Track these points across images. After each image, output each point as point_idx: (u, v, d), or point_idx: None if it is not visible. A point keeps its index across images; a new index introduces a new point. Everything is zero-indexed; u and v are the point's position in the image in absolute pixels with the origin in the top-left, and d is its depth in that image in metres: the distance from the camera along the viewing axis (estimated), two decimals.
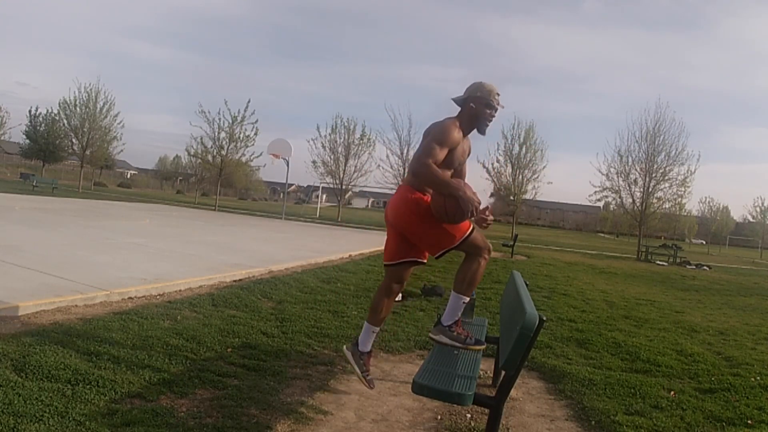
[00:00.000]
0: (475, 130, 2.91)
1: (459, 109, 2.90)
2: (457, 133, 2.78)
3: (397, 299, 6.16)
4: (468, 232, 2.75)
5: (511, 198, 26.34)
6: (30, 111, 39.07)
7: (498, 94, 2.87)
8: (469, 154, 3.04)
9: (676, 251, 21.85)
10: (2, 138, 45.27)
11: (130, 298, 4.85)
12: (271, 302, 5.38)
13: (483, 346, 2.85)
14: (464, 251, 2.80)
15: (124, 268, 6.07)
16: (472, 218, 2.72)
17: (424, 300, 6.35)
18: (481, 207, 2.70)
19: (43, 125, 38.85)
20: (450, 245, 2.76)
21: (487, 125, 2.89)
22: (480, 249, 2.78)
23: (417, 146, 2.86)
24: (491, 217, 2.78)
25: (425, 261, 3.01)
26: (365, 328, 2.99)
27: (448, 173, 2.82)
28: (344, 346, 3.09)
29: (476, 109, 2.83)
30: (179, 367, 3.17)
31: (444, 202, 2.64)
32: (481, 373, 3.70)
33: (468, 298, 2.88)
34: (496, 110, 2.88)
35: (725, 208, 54.78)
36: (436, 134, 2.76)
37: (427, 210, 2.75)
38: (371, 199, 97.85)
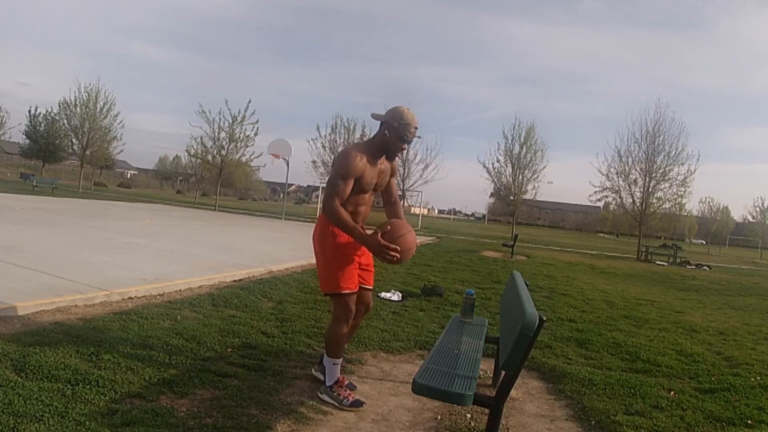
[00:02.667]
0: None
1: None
2: (359, 161, 2.82)
3: (396, 299, 6.18)
4: (338, 291, 2.89)
5: (511, 198, 26.36)
6: (30, 111, 39.13)
7: (415, 128, 2.90)
8: (392, 174, 3.11)
9: (676, 251, 21.85)
10: (2, 138, 45.34)
11: (130, 298, 4.84)
12: (271, 302, 5.38)
13: (360, 408, 2.92)
14: (333, 306, 2.96)
15: (124, 268, 6.07)
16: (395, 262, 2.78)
17: (424, 300, 6.35)
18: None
19: (42, 125, 38.86)
20: (323, 289, 2.97)
21: (397, 155, 2.99)
22: (340, 313, 2.91)
23: (415, 146, 2.92)
24: (397, 256, 2.72)
25: (370, 287, 3.16)
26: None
27: (364, 196, 2.94)
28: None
29: (389, 137, 2.88)
30: (179, 367, 3.17)
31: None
32: (481, 373, 3.70)
33: (339, 360, 3.00)
34: (409, 144, 2.94)
35: (725, 208, 54.80)
36: (338, 168, 2.83)
37: (327, 242, 2.93)
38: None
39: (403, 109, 2.90)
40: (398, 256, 2.72)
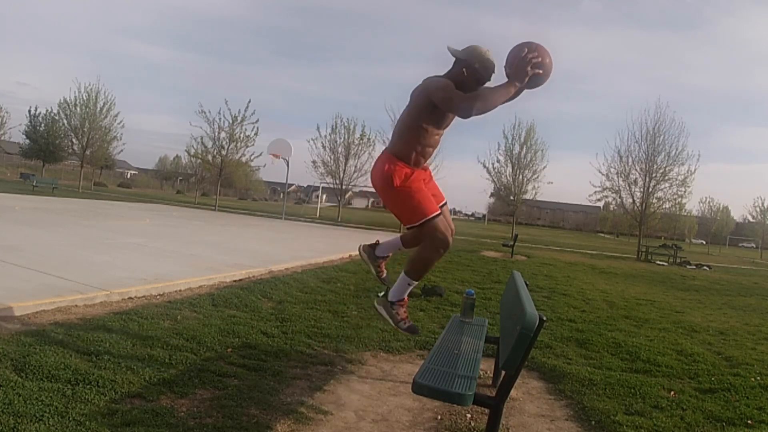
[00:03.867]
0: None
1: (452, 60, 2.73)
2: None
3: None
4: (426, 216, 2.68)
5: (511, 198, 26.36)
6: (30, 111, 39.13)
7: (494, 72, 2.71)
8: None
9: (676, 251, 21.86)
10: (2, 138, 45.32)
11: (130, 298, 4.84)
12: (271, 302, 5.38)
13: (415, 334, 2.84)
14: (424, 236, 2.74)
15: (124, 268, 6.07)
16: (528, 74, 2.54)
17: (424, 300, 6.34)
18: None
19: (42, 125, 38.87)
20: (410, 222, 2.72)
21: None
22: (440, 238, 2.69)
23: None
24: (538, 58, 2.52)
25: (444, 200, 2.94)
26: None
27: (439, 132, 2.76)
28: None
29: (466, 77, 2.68)
30: (179, 367, 3.17)
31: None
32: (481, 373, 3.70)
33: (416, 283, 2.84)
34: (483, 86, 2.73)
35: (725, 208, 54.83)
36: (441, 84, 2.60)
37: (393, 179, 2.69)
38: (371, 199, 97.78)
39: (484, 50, 2.72)
40: (540, 69, 2.53)
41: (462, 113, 2.55)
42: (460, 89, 2.62)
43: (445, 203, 2.96)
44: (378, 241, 3.25)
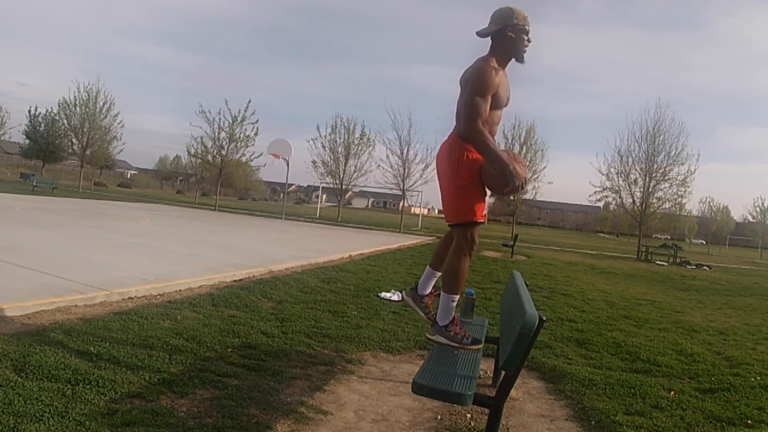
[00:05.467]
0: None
1: (489, 43, 2.70)
2: (496, 75, 2.61)
3: (396, 299, 6.17)
4: (472, 219, 2.68)
5: (511, 198, 26.36)
6: (30, 111, 39.13)
7: (527, 17, 2.71)
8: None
9: (676, 251, 21.85)
10: (2, 138, 45.35)
11: (130, 298, 4.84)
12: (271, 302, 5.38)
13: (480, 346, 2.81)
14: (456, 237, 2.74)
15: (124, 268, 6.07)
16: (515, 191, 2.65)
17: None
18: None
19: (42, 125, 38.86)
20: (454, 219, 2.71)
21: (525, 52, 2.72)
22: (470, 243, 2.71)
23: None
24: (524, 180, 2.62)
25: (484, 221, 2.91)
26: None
27: (498, 112, 2.72)
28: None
29: (515, 37, 2.66)
30: (179, 367, 3.17)
31: (494, 172, 2.58)
32: (481, 373, 3.70)
33: (457, 297, 2.81)
34: (530, 38, 2.72)
35: (725, 208, 54.82)
36: (476, 85, 2.58)
37: (463, 171, 2.65)
38: (371, 199, 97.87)
39: (511, 7, 2.72)
40: (520, 186, 2.61)
41: (461, 124, 2.62)
42: (513, 52, 2.67)
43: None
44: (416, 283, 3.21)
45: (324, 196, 49.19)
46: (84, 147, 31.64)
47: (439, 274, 2.94)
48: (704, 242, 57.71)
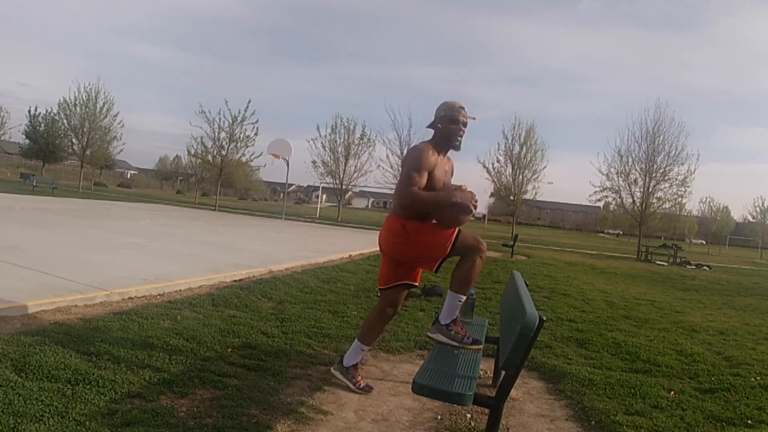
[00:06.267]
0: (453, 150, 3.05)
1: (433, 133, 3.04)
2: (431, 155, 2.88)
3: None
4: (455, 237, 2.84)
5: (511, 198, 26.36)
6: (30, 111, 39.15)
7: (462, 108, 2.99)
8: (452, 174, 3.19)
9: (676, 251, 21.86)
10: (2, 138, 45.37)
11: (130, 298, 4.84)
12: (271, 302, 5.38)
13: (480, 346, 2.88)
14: (459, 255, 2.87)
15: (124, 268, 6.07)
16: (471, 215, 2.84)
17: (424, 300, 6.35)
18: (477, 202, 2.87)
19: (42, 125, 38.88)
20: (443, 254, 2.85)
21: (459, 140, 2.99)
22: (472, 249, 2.83)
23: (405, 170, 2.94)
24: (475, 206, 2.85)
25: (417, 284, 3.20)
26: (355, 346, 3.22)
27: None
28: (331, 368, 3.32)
29: (444, 128, 2.97)
30: (179, 367, 3.17)
31: (446, 213, 2.79)
32: (481, 373, 3.70)
33: (464, 297, 2.91)
34: (463, 124, 2.98)
35: (725, 208, 54.82)
36: (412, 162, 2.87)
37: (412, 231, 2.87)
38: (371, 199, 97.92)
39: (446, 101, 3.03)
40: (474, 208, 2.84)
41: (399, 194, 2.89)
42: (447, 141, 2.98)
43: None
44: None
45: (324, 196, 49.21)
46: (84, 147, 31.65)
47: (369, 348, 3.30)
48: (704, 242, 57.69)
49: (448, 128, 2.96)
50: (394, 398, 3.19)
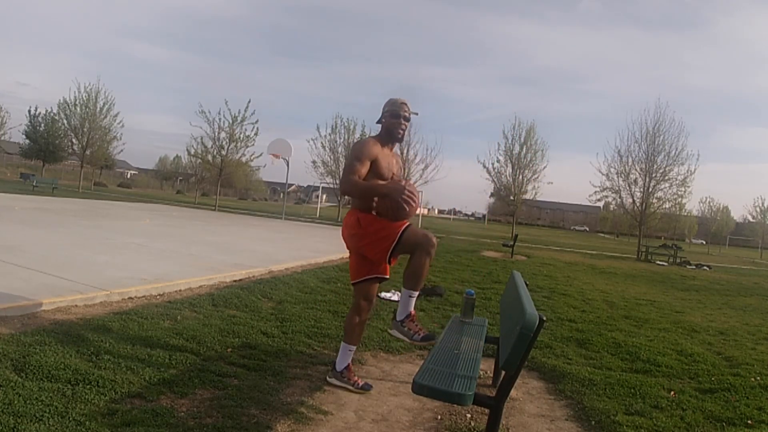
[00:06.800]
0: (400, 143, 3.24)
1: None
2: (373, 146, 3.03)
3: (396, 299, 6.18)
4: (402, 229, 2.93)
5: (511, 198, 26.37)
6: (30, 111, 39.14)
7: (404, 104, 3.15)
8: (400, 169, 3.30)
9: (676, 251, 21.86)
10: (2, 138, 45.34)
11: (130, 298, 4.84)
12: (271, 302, 5.38)
13: (432, 342, 2.92)
14: (408, 251, 2.95)
15: (124, 268, 6.07)
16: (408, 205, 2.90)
17: (424, 300, 6.35)
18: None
19: (42, 125, 38.86)
20: (389, 245, 2.95)
21: (400, 133, 3.15)
22: (420, 244, 2.90)
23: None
24: (415, 202, 2.92)
25: (387, 276, 3.29)
26: (342, 349, 3.26)
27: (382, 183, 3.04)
28: (326, 377, 3.31)
29: (387, 122, 3.14)
30: (179, 367, 3.17)
31: (384, 203, 2.91)
32: (481, 373, 3.70)
33: (416, 293, 3.00)
34: (405, 119, 3.13)
35: (725, 208, 54.83)
36: (354, 152, 3.04)
37: (365, 223, 2.99)
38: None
39: (391, 98, 3.18)
40: (415, 203, 2.93)
41: (340, 183, 3.03)
42: (390, 134, 3.14)
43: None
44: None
45: (324, 196, 49.18)
46: (84, 147, 31.64)
47: (355, 347, 3.28)
48: (704, 242, 57.71)
49: (390, 122, 3.12)
50: (394, 398, 3.19)
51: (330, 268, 8.40)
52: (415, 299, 3.01)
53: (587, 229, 47.69)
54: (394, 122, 3.12)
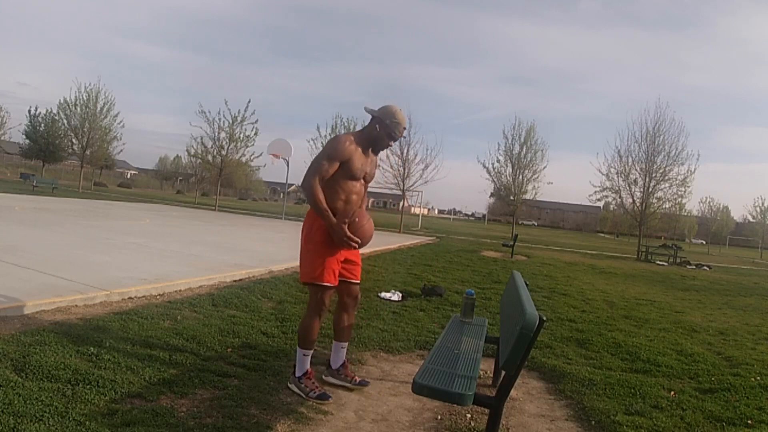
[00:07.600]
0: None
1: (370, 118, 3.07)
2: (348, 145, 2.92)
3: (396, 299, 6.18)
4: (315, 280, 2.92)
5: (511, 198, 26.37)
6: (30, 111, 39.14)
7: (404, 128, 3.06)
8: (374, 169, 3.21)
9: (676, 251, 21.86)
10: (2, 138, 45.36)
11: (130, 298, 4.84)
12: (271, 302, 5.38)
13: (327, 401, 2.94)
14: (310, 296, 3.00)
15: (124, 268, 6.07)
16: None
17: (424, 300, 6.35)
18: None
19: (42, 125, 38.87)
20: (302, 279, 2.99)
21: (384, 148, 3.10)
22: (313, 305, 2.97)
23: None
24: (357, 244, 2.92)
25: (357, 281, 3.18)
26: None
27: (355, 184, 3.00)
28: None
29: (379, 133, 3.02)
30: (179, 367, 3.17)
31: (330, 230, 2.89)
32: (481, 373, 3.70)
33: (308, 351, 3.02)
34: (394, 140, 3.08)
35: (725, 208, 54.83)
36: (327, 148, 2.95)
37: (312, 234, 2.93)
38: (371, 199, 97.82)
39: (395, 109, 3.04)
40: (357, 246, 2.93)
41: (303, 181, 2.93)
42: (373, 144, 3.04)
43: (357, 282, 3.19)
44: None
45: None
46: (84, 147, 31.65)
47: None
48: (704, 242, 57.70)
49: (381, 137, 3.02)
50: (394, 398, 3.19)
51: None
52: (309, 359, 3.03)
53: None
54: (384, 140, 3.03)
